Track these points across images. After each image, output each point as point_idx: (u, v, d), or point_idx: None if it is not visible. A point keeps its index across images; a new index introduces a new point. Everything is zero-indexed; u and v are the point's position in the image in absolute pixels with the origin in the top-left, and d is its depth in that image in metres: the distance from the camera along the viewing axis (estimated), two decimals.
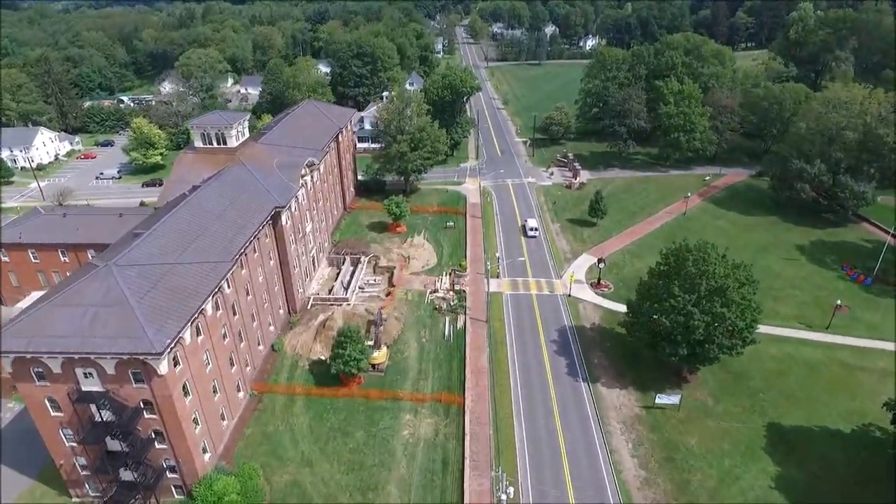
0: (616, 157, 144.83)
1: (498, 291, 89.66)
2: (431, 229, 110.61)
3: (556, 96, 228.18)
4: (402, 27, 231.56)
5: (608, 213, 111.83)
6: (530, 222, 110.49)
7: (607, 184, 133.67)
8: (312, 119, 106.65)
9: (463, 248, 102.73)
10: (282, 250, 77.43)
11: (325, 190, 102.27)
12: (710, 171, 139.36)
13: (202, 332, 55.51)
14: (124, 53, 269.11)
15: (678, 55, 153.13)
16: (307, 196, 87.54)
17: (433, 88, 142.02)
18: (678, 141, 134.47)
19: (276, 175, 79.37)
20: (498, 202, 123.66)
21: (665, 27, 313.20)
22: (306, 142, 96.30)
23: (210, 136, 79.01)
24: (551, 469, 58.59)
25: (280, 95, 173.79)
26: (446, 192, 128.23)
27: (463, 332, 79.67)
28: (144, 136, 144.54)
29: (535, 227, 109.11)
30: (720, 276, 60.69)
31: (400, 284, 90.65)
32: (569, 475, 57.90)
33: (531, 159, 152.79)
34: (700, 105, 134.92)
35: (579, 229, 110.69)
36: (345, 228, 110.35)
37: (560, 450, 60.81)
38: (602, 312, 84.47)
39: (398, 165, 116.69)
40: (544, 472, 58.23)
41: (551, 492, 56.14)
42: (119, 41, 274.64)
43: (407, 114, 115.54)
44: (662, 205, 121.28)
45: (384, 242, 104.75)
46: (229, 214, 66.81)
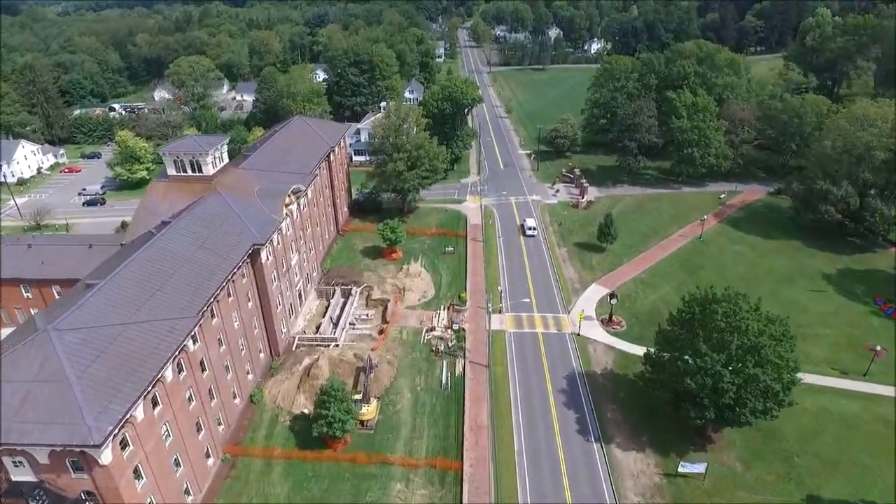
0: (625, 172, 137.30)
1: (500, 329, 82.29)
2: (429, 254, 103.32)
3: (560, 103, 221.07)
4: (402, 32, 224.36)
5: (618, 236, 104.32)
6: (529, 222, 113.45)
7: (616, 202, 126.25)
8: (301, 138, 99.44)
9: (463, 278, 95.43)
10: (262, 289, 70.25)
11: (316, 214, 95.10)
12: (725, 187, 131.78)
13: (160, 403, 48.30)
14: (118, 59, 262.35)
15: (690, 64, 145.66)
16: (293, 226, 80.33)
17: (432, 100, 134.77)
18: (692, 157, 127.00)
19: (257, 206, 72.18)
20: (501, 223, 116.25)
21: (672, 31, 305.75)
22: (293, 164, 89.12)
23: (183, 164, 71.82)
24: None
25: (274, 105, 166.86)
26: (446, 212, 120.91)
27: (462, 379, 72.35)
28: (129, 149, 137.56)
29: (533, 226, 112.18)
30: (754, 332, 53.18)
31: (394, 321, 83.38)
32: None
33: (535, 174, 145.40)
34: (715, 118, 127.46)
35: (587, 255, 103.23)
36: (336, 254, 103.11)
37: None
38: (614, 355, 77.00)
39: (394, 185, 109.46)
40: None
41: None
42: (112, 46, 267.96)
43: (404, 129, 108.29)
44: (675, 226, 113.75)
45: (378, 270, 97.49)
46: (199, 257, 59.60)
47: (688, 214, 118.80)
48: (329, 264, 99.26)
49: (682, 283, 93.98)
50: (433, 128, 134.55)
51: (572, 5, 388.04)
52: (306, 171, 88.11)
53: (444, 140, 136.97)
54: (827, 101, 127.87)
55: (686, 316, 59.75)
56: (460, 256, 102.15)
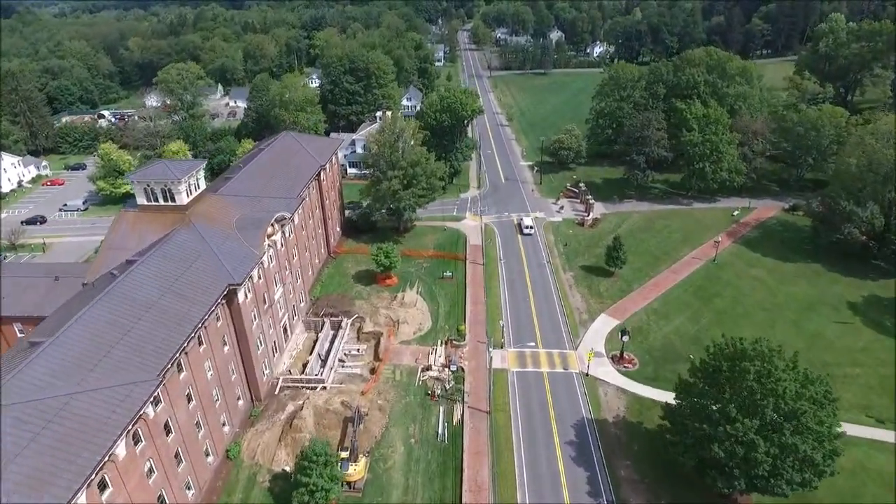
0: (632, 186, 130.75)
1: (502, 368, 75.85)
2: (426, 280, 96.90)
3: (563, 110, 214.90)
4: (400, 37, 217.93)
5: (627, 259, 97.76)
6: (526, 220, 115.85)
7: (624, 219, 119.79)
8: (289, 155, 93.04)
9: (462, 306, 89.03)
10: (240, 331, 63.84)
11: (304, 239, 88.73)
12: (737, 203, 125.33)
13: (111, 485, 41.90)
14: (109, 63, 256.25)
15: (700, 73, 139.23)
16: (277, 256, 73.91)
17: (430, 111, 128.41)
18: (703, 171, 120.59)
19: (235, 238, 65.77)
20: (502, 244, 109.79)
21: (677, 34, 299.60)
22: (279, 187, 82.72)
23: (154, 193, 65.44)
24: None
25: (266, 114, 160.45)
26: (444, 231, 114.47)
27: (460, 428, 65.93)
28: (113, 163, 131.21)
29: (530, 224, 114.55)
30: (791, 396, 46.68)
31: (386, 358, 76.93)
32: None
33: (538, 188, 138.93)
34: (727, 131, 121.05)
35: (595, 280, 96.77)
36: (327, 280, 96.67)
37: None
38: (627, 399, 70.52)
39: (389, 204, 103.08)
40: None
41: None
42: (104, 50, 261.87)
43: (399, 146, 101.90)
44: (687, 247, 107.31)
45: (371, 298, 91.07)
46: (166, 303, 53.16)
47: (700, 233, 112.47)
48: (319, 292, 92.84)
49: (697, 312, 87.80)
50: (431, 139, 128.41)
51: (574, 7, 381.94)
52: (293, 195, 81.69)
53: (442, 153, 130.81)
54: (845, 113, 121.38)
55: (711, 369, 53.23)
56: (459, 282, 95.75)
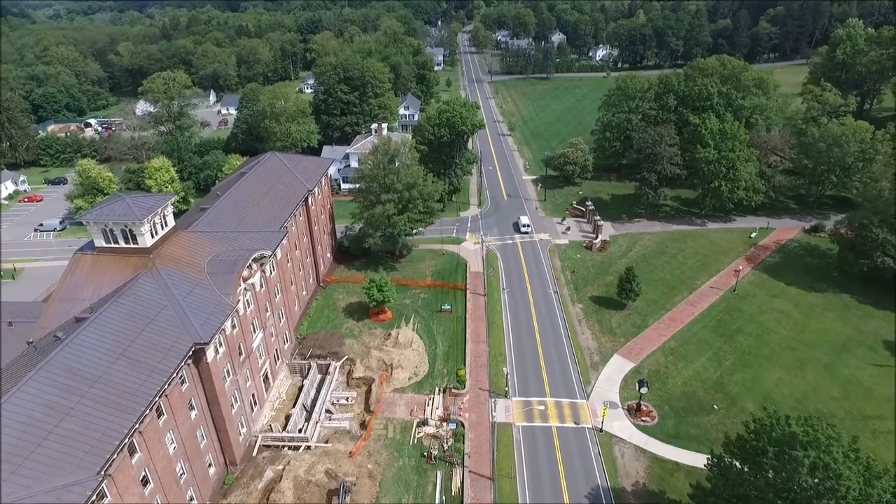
0: (643, 204, 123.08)
1: (506, 422, 68.26)
2: (423, 313, 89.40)
3: (566, 118, 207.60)
4: (397, 42, 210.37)
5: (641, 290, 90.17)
6: (523, 219, 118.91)
7: (634, 241, 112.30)
8: (273, 180, 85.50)
9: (462, 346, 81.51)
10: (211, 392, 56.31)
11: (290, 272, 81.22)
12: (754, 223, 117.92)
13: None
14: (98, 69, 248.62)
15: (713, 83, 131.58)
16: (256, 299, 66.37)
17: (428, 126, 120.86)
18: (719, 191, 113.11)
19: (205, 286, 58.23)
20: (505, 271, 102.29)
21: (682, 38, 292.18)
22: (261, 218, 75.22)
23: (114, 234, 57.85)
24: None
25: (256, 126, 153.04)
26: (442, 256, 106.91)
27: (460, 499, 58.40)
28: (91, 180, 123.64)
29: (527, 223, 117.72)
30: (856, 497, 39.09)
31: (378, 410, 69.40)
32: None
33: (542, 205, 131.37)
34: (744, 147, 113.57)
35: (606, 314, 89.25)
36: (315, 314, 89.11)
37: None
38: (646, 462, 62.97)
39: (383, 230, 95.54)
40: None
41: None
42: (93, 55, 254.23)
43: (394, 168, 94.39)
44: (704, 275, 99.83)
45: (363, 336, 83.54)
46: (116, 375, 45.64)
47: (716, 259, 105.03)
48: (306, 328, 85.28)
49: (719, 353, 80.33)
50: (429, 154, 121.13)
51: (576, 9, 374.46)
52: (276, 227, 74.13)
53: (441, 169, 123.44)
54: (870, 128, 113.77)
55: (752, 451, 45.65)
56: (459, 317, 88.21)
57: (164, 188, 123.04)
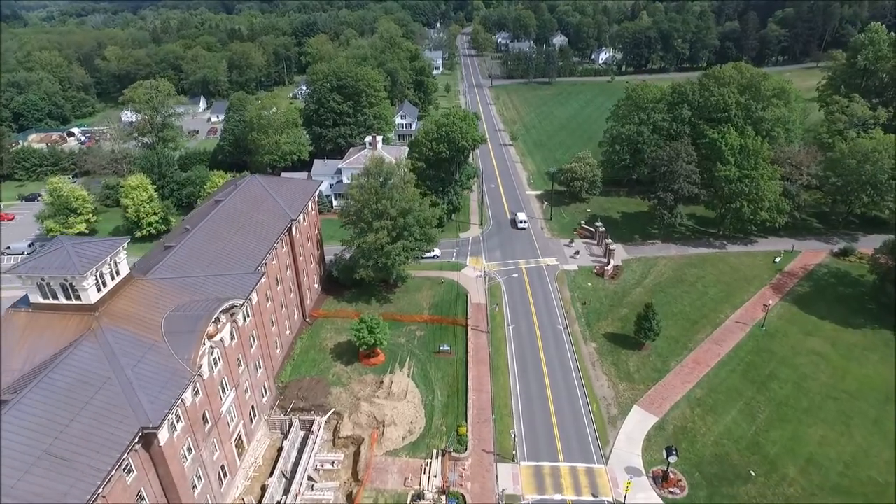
0: (657, 224, 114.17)
1: (515, 494, 59.47)
2: (419, 355, 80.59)
3: (571, 126, 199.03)
4: (394, 47, 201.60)
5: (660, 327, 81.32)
6: (520, 216, 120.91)
7: (649, 267, 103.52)
8: (252, 208, 76.64)
9: (462, 395, 72.70)
10: (166, 477, 47.46)
11: (271, 311, 72.43)
12: (777, 245, 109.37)
13: None
14: (84, 75, 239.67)
15: (731, 93, 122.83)
16: (225, 356, 57.54)
17: (426, 141, 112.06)
18: (740, 212, 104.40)
19: (161, 349, 49.41)
20: (509, 301, 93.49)
21: (689, 41, 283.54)
22: (235, 256, 66.37)
23: (52, 289, 48.99)
24: None
25: (244, 137, 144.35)
26: (440, 285, 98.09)
27: None
28: (63, 199, 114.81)
29: (524, 220, 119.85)
30: None
31: (367, 479, 60.61)
32: None
33: (548, 224, 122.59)
34: (768, 164, 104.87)
35: (623, 355, 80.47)
36: (299, 357, 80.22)
37: None
38: None
39: (376, 260, 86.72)
40: None
41: None
42: (78, 61, 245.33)
43: (387, 192, 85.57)
44: (728, 307, 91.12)
45: (352, 383, 74.74)
46: (32, 483, 36.81)
47: (740, 288, 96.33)
48: (289, 374, 76.42)
49: (752, 403, 71.60)
50: (427, 171, 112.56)
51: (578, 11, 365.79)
52: (252, 267, 65.32)
53: (440, 186, 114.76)
54: None
55: None
56: (459, 359, 79.40)
57: (141, 208, 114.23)
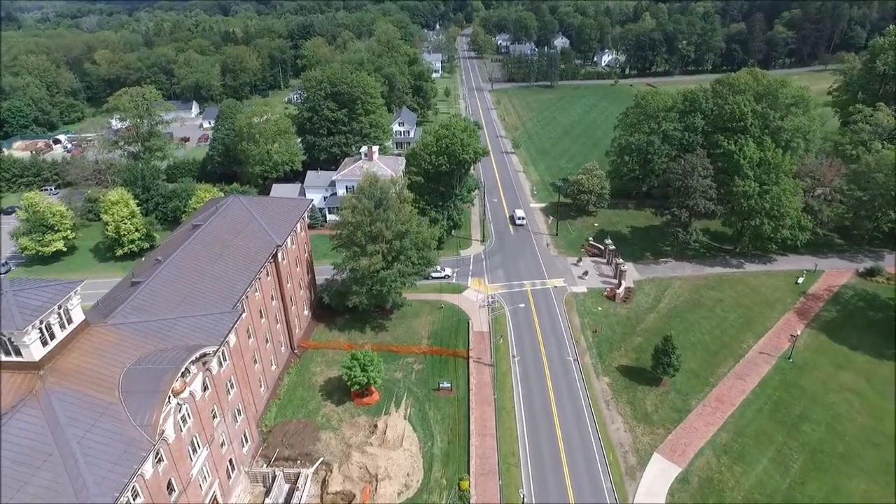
0: (670, 241, 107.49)
1: None
2: (417, 392, 73.86)
3: (575, 132, 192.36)
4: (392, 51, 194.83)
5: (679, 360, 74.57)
6: (518, 212, 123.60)
7: (663, 289, 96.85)
8: (233, 233, 69.87)
9: (465, 440, 66.03)
10: None
11: (254, 348, 65.72)
12: (798, 264, 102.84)
13: None
14: (73, 79, 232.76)
15: (746, 101, 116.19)
16: (196, 411, 50.79)
17: (425, 153, 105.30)
18: (759, 229, 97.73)
19: (116, 412, 42.68)
20: (514, 329, 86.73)
21: (694, 43, 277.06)
22: (210, 292, 59.59)
23: None
24: None
25: (234, 147, 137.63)
26: (440, 310, 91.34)
27: None
28: (39, 215, 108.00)
29: (522, 216, 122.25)
30: None
31: None
32: None
33: (554, 240, 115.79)
34: (790, 178, 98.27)
35: (639, 391, 73.79)
36: (286, 395, 73.39)
37: None
38: None
39: (369, 286, 79.97)
40: None
41: None
42: (67, 65, 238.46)
43: (381, 214, 78.80)
44: (750, 335, 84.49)
45: (343, 427, 68.00)
46: None
47: (761, 313, 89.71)
48: (274, 416, 69.63)
49: (783, 451, 64.99)
50: (426, 185, 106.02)
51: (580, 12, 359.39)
52: (230, 304, 58.56)
53: (440, 201, 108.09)
54: None
55: None
56: (461, 398, 72.65)
57: (122, 224, 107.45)
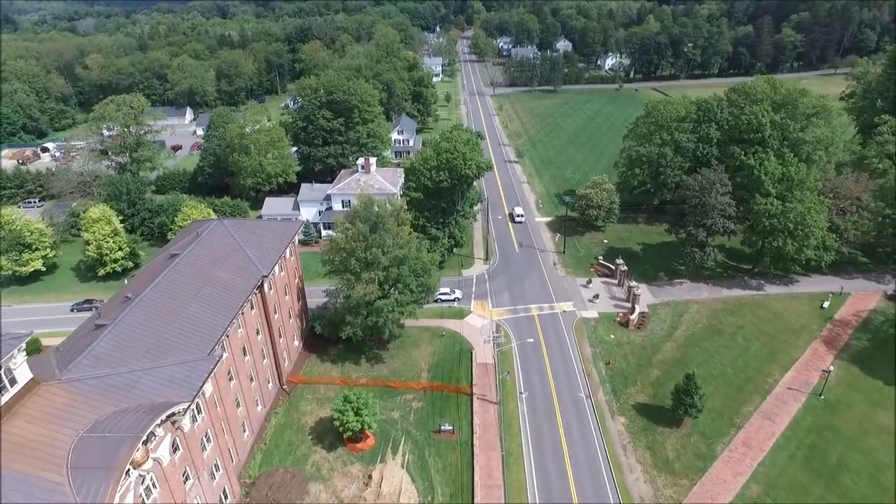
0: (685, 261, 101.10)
1: None
2: (416, 436, 67.60)
3: (580, 140, 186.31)
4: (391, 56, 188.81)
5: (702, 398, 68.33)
6: (517, 210, 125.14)
7: (679, 314, 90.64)
8: (215, 265, 63.68)
9: (469, 494, 59.78)
10: None
11: (236, 392, 59.57)
12: (822, 285, 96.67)
13: None
14: (64, 84, 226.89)
15: (764, 111, 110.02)
16: (163, 477, 44.59)
17: (424, 169, 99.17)
18: (782, 251, 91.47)
19: (62, 493, 36.47)
20: (521, 363, 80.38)
21: (700, 46, 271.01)
22: (187, 332, 53.38)
23: None
24: None
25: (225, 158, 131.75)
26: (441, 338, 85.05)
27: None
28: (15, 234, 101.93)
29: (521, 213, 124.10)
30: None
31: None
32: None
33: (561, 258, 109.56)
34: (815, 195, 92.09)
35: (658, 434, 67.58)
36: (273, 440, 67.03)
37: None
38: None
39: (364, 317, 73.78)
40: None
41: None
42: (58, 70, 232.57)
43: (377, 239, 72.62)
44: (776, 366, 78.29)
45: (334, 477, 61.81)
46: None
47: (786, 341, 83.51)
48: (258, 466, 63.35)
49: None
50: (426, 202, 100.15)
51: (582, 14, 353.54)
52: (207, 349, 52.38)
53: (440, 218, 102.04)
54: None
55: None
56: (464, 442, 66.40)
57: (103, 243, 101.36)
